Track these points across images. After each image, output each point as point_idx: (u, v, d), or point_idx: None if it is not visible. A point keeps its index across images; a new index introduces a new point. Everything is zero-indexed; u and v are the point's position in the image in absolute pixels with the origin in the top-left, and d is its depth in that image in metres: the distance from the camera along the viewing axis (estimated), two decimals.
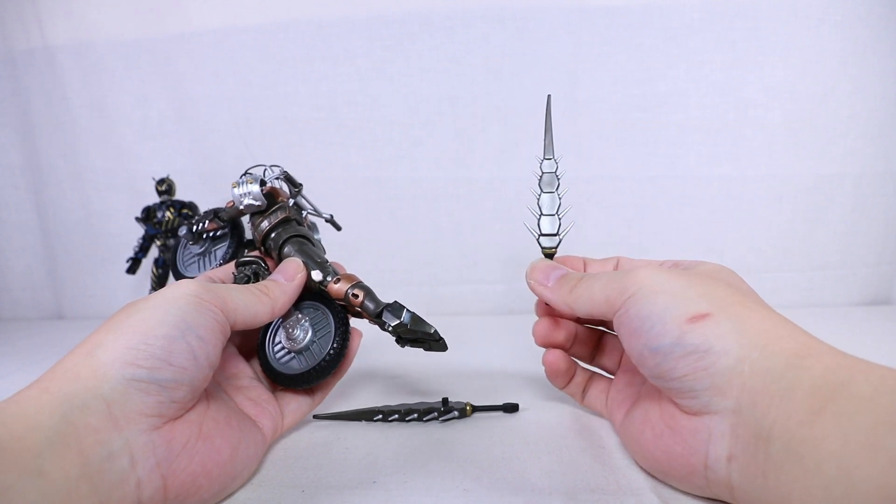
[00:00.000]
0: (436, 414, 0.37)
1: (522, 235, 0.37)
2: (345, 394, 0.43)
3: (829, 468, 0.18)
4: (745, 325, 0.24)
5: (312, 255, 0.35)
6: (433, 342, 0.34)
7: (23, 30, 0.68)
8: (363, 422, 0.37)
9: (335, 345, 0.33)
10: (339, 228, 0.41)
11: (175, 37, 0.67)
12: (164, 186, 0.57)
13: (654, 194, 0.67)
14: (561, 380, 0.36)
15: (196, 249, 0.41)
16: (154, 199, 0.58)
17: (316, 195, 0.41)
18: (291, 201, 0.38)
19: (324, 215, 0.40)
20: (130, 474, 0.23)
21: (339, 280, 0.34)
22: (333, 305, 0.35)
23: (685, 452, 0.25)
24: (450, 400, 0.37)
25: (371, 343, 0.38)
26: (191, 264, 0.41)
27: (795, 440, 0.20)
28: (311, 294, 0.35)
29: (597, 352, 0.37)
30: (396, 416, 0.37)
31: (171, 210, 0.57)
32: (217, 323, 0.28)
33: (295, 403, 0.35)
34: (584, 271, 0.34)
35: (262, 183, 0.36)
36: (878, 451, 0.17)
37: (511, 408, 0.38)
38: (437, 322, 0.35)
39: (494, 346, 0.55)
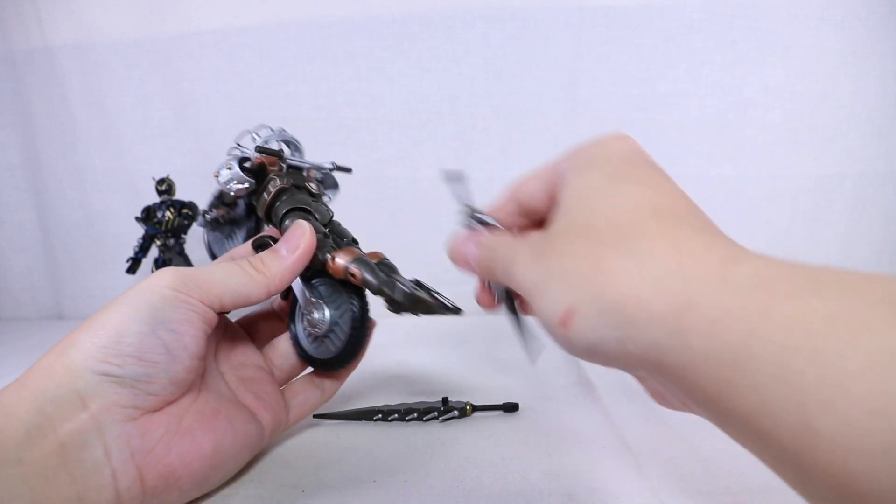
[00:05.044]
0: (436, 414, 0.37)
1: None
2: (345, 394, 0.43)
3: (771, 447, 0.15)
4: (607, 304, 0.19)
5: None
6: (443, 310, 0.32)
7: (23, 30, 0.68)
8: (363, 422, 0.37)
9: (356, 317, 0.32)
10: (349, 171, 0.38)
11: (175, 37, 0.66)
12: (164, 186, 0.57)
13: None
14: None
15: (222, 234, 0.41)
16: (154, 199, 0.58)
17: None
18: (285, 167, 0.35)
19: (325, 166, 0.37)
20: (105, 464, 0.24)
21: (334, 259, 0.32)
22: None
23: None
24: (450, 400, 0.37)
25: (371, 343, 0.38)
26: (220, 245, 0.42)
27: (724, 412, 0.16)
28: (321, 271, 0.34)
29: None
30: (396, 415, 0.37)
31: (171, 210, 0.57)
32: (195, 314, 0.27)
33: (302, 396, 0.35)
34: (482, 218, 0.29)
35: (245, 160, 0.34)
36: (816, 435, 0.14)
37: (511, 408, 0.38)
38: (438, 322, 0.35)
39: (494, 346, 0.55)
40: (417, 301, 0.31)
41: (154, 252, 0.59)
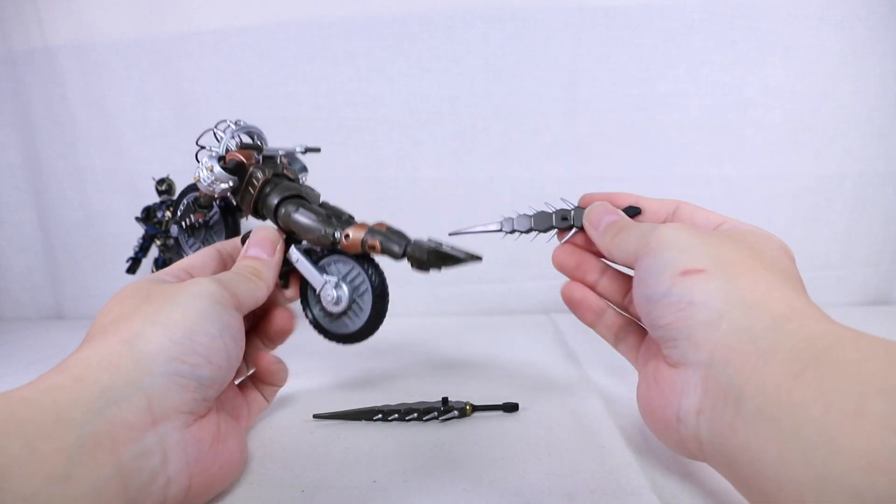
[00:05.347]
0: (436, 413, 0.37)
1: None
2: (345, 394, 0.43)
3: (808, 434, 0.18)
4: (737, 284, 0.24)
5: (314, 217, 0.33)
6: (467, 258, 0.32)
7: (23, 30, 0.68)
8: (363, 422, 0.37)
9: (376, 287, 0.33)
10: (318, 150, 0.39)
11: (175, 37, 0.66)
12: (164, 186, 0.58)
13: (655, 194, 0.67)
14: (581, 313, 0.35)
15: (196, 239, 0.41)
16: (154, 199, 0.58)
17: None
18: (260, 157, 0.36)
19: (297, 150, 0.38)
20: (161, 472, 0.23)
21: (348, 235, 0.32)
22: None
23: (662, 404, 0.26)
24: (450, 400, 0.37)
25: (371, 342, 0.38)
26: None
27: (771, 403, 0.19)
28: (328, 249, 0.34)
29: (629, 297, 0.35)
30: (396, 415, 0.37)
31: (171, 210, 0.57)
32: (240, 322, 0.28)
33: (257, 405, 0.35)
34: (638, 207, 0.35)
35: (222, 158, 0.35)
36: (864, 417, 0.16)
37: (511, 408, 0.38)
38: (438, 322, 0.35)
39: (495, 346, 0.55)
40: (442, 256, 0.31)
41: (154, 252, 0.60)
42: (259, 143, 0.37)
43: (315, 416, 0.38)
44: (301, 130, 0.68)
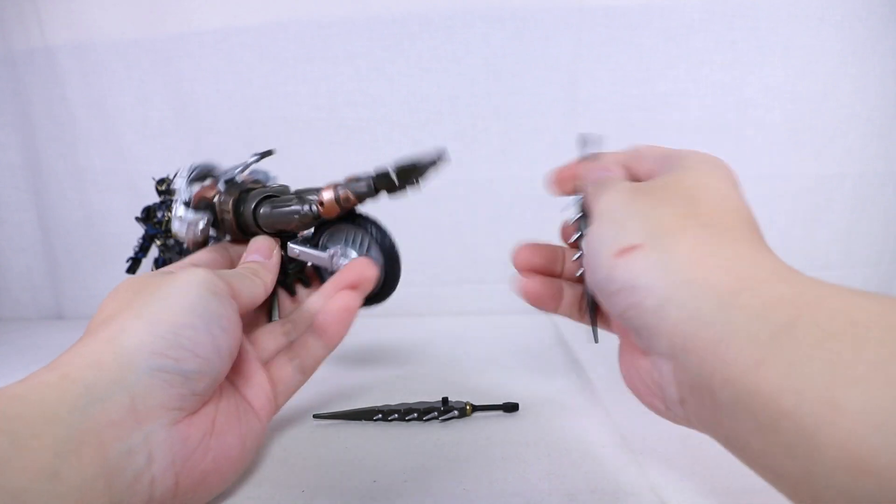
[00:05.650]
0: (436, 413, 0.37)
1: (522, 235, 0.37)
2: (345, 394, 0.43)
3: (786, 428, 0.16)
4: (674, 257, 0.21)
5: (288, 203, 0.34)
6: (432, 165, 0.32)
7: (23, 30, 0.68)
8: (363, 422, 0.37)
9: (377, 238, 0.33)
10: (271, 153, 0.38)
11: (175, 37, 0.67)
12: (164, 186, 0.57)
13: None
14: (548, 305, 0.33)
15: None
16: (154, 199, 0.58)
17: None
18: (221, 184, 0.36)
19: (250, 160, 0.38)
20: (146, 472, 0.23)
21: (322, 202, 0.32)
22: (345, 216, 0.34)
23: (647, 392, 0.24)
24: (450, 400, 0.37)
25: (371, 342, 0.38)
26: None
27: (742, 395, 0.17)
28: (319, 225, 0.35)
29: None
30: (396, 415, 0.37)
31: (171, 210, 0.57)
32: (235, 313, 0.27)
33: (283, 385, 0.33)
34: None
35: (188, 203, 0.35)
36: (840, 413, 0.15)
37: (511, 408, 0.38)
38: (437, 322, 0.35)
39: (494, 346, 0.55)
40: (409, 170, 0.31)
41: (154, 252, 0.60)
42: (209, 172, 0.37)
43: (315, 416, 0.38)
44: (301, 130, 0.68)
